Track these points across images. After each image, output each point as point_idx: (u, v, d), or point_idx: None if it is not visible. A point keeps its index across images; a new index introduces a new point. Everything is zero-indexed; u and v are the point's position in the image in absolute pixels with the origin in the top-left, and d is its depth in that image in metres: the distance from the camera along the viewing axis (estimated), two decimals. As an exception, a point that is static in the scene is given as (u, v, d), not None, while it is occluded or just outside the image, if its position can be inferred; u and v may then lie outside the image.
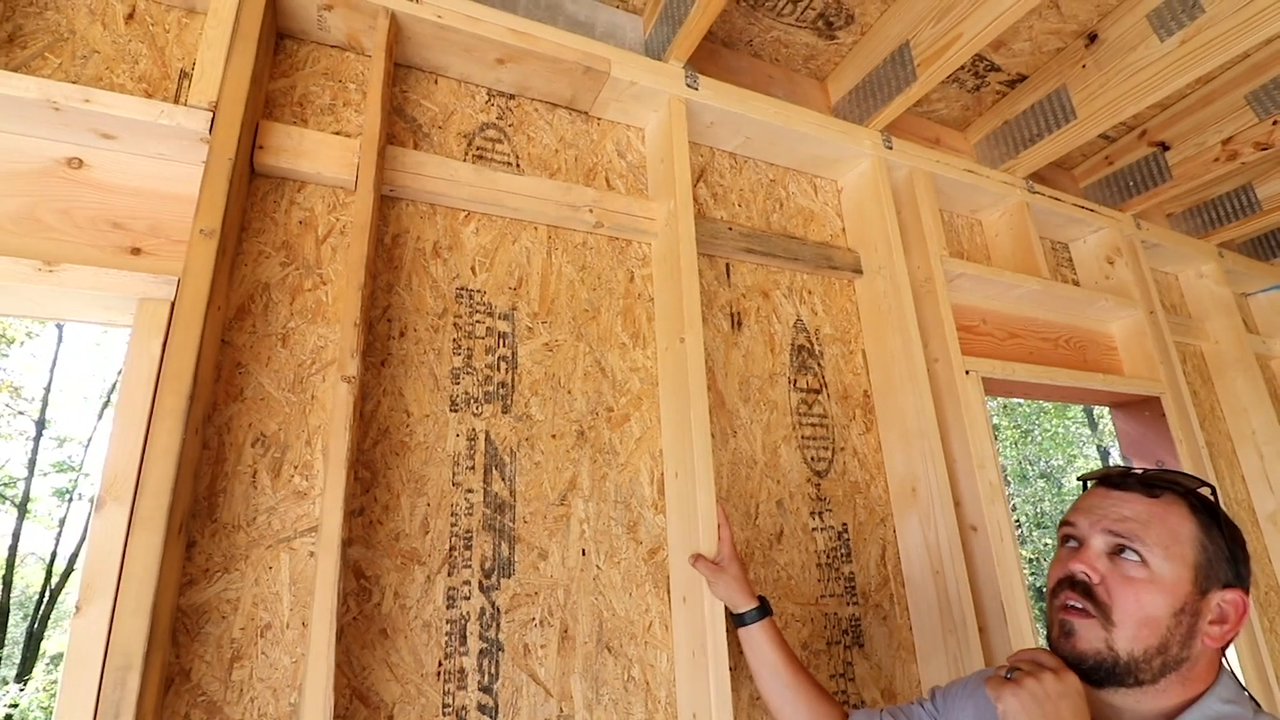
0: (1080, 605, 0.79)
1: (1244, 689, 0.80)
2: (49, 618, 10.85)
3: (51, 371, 11.11)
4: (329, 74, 1.32)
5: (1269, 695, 1.96)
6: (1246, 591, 0.79)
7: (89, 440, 11.74)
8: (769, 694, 1.14)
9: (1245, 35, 1.58)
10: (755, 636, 1.15)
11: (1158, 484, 0.82)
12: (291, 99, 1.27)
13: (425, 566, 1.13)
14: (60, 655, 12.07)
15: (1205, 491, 0.84)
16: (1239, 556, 0.79)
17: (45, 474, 11.49)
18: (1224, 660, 0.81)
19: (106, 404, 11.83)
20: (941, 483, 1.53)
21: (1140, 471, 0.85)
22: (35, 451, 10.81)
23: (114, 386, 11.85)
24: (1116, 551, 0.79)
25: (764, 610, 1.17)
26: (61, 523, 11.37)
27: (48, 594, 10.79)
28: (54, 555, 11.07)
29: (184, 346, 0.91)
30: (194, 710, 0.94)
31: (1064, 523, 0.88)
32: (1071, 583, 0.81)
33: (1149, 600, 0.76)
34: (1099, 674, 0.78)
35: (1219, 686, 0.78)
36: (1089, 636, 0.78)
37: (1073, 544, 0.85)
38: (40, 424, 10.89)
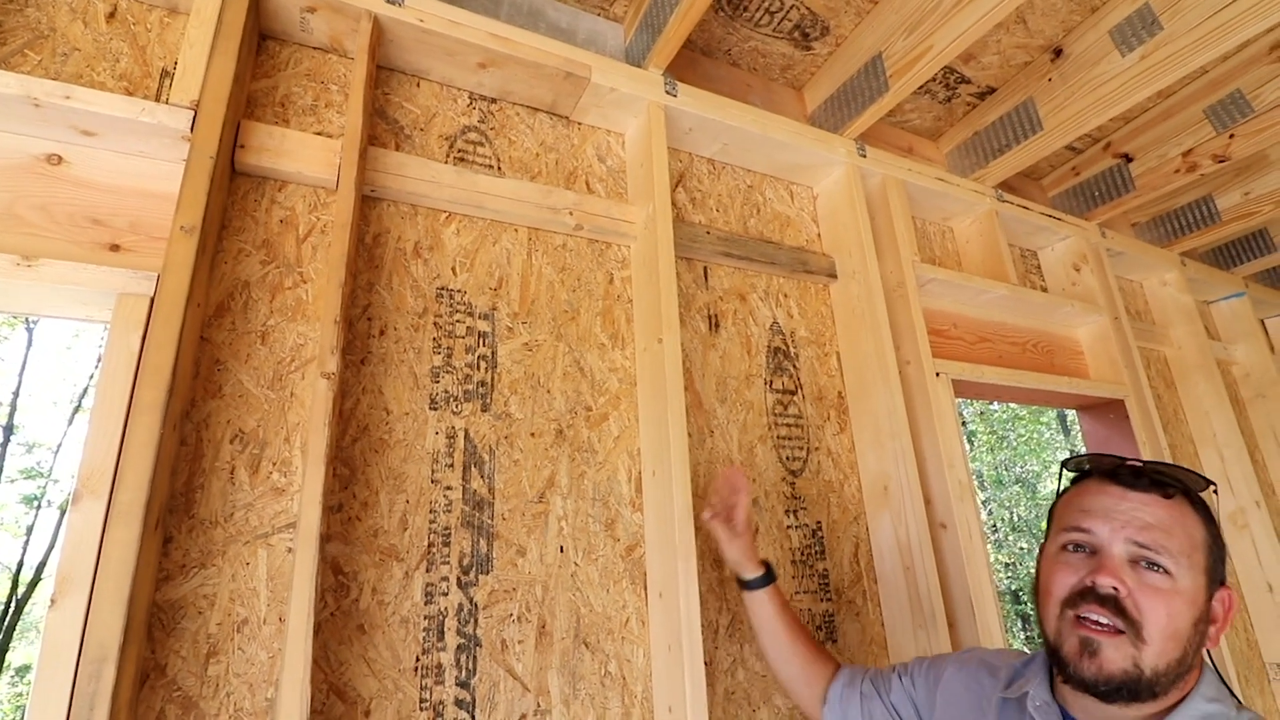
0: (1108, 622, 0.73)
1: (1225, 684, 0.78)
2: (14, 629, 10.55)
3: (20, 376, 10.85)
4: (311, 75, 1.33)
5: (1229, 690, 2.02)
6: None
7: (58, 446, 11.48)
8: (767, 652, 1.22)
9: (1201, 51, 1.65)
10: (759, 600, 1.22)
11: (1170, 482, 0.78)
12: (273, 99, 1.28)
13: (403, 563, 1.14)
14: (26, 667, 11.75)
15: (1209, 490, 0.81)
16: (1225, 553, 0.78)
17: (13, 481, 11.21)
18: (1207, 657, 0.79)
19: (77, 409, 11.58)
20: (912, 481, 1.57)
21: (1140, 465, 0.80)
22: (2, 458, 10.54)
23: (84, 391, 11.62)
24: (1140, 561, 0.75)
25: (769, 576, 1.23)
26: (29, 531, 11.09)
27: (13, 604, 10.50)
28: (20, 564, 10.78)
29: (163, 341, 0.92)
30: (169, 705, 0.94)
31: (1073, 526, 0.81)
32: (1097, 596, 0.75)
33: (1177, 613, 0.72)
34: (1123, 694, 0.73)
35: (1203, 685, 0.76)
36: (1116, 656, 0.72)
37: (1083, 550, 0.79)
38: (8, 429, 10.63)
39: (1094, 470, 0.85)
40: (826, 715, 1.12)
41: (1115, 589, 0.74)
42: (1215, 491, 0.81)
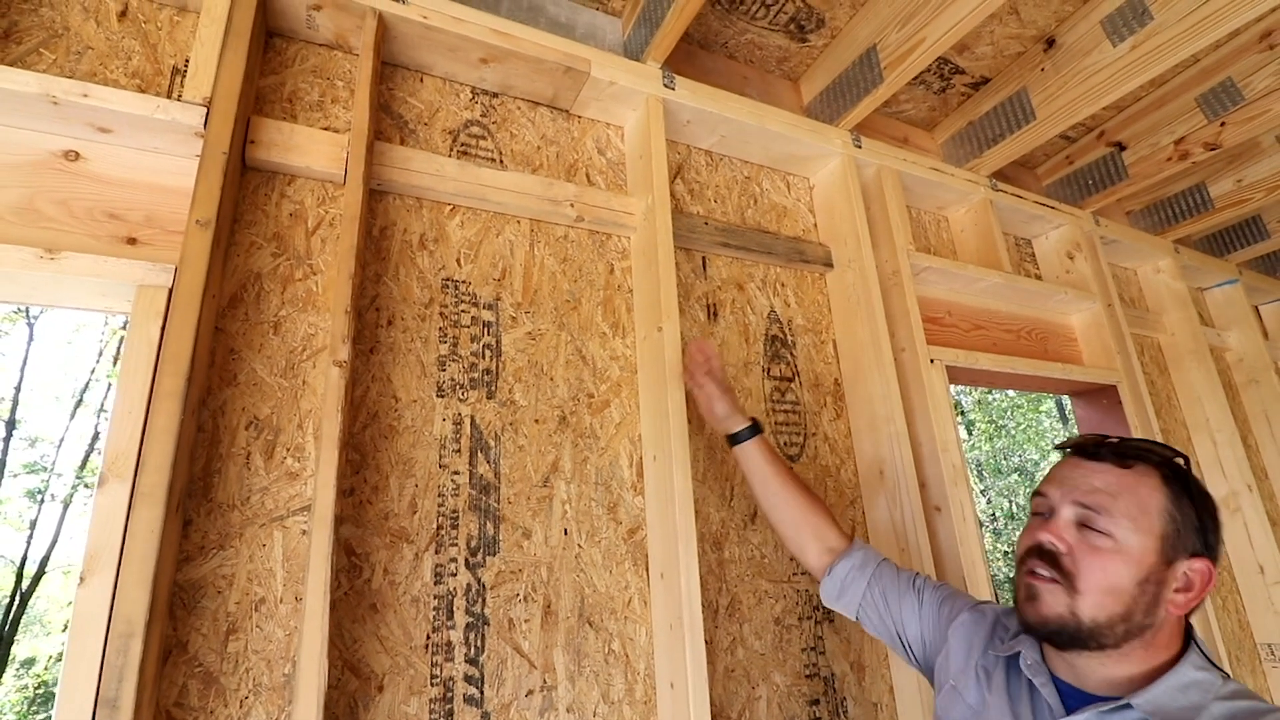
0: (1047, 574, 0.81)
1: (1209, 658, 0.81)
2: (19, 622, 10.64)
3: (22, 371, 10.90)
4: (318, 72, 1.36)
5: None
6: (1214, 560, 0.79)
7: (60, 441, 11.54)
8: (762, 504, 1.28)
9: (1191, 40, 1.67)
10: (747, 452, 1.28)
11: (1131, 454, 0.83)
12: (281, 95, 1.31)
13: (413, 544, 1.18)
14: (32, 660, 11.85)
15: (1180, 461, 0.84)
16: (1208, 526, 0.80)
17: (16, 475, 11.27)
18: (1193, 630, 0.83)
19: (79, 404, 11.63)
20: (907, 466, 1.60)
21: (1115, 441, 0.86)
22: (5, 452, 10.60)
23: (86, 386, 11.66)
24: (1085, 523, 0.81)
25: (757, 428, 1.30)
26: (33, 525, 11.16)
27: (18, 598, 10.58)
28: (24, 559, 10.86)
29: (182, 331, 0.95)
30: (191, 680, 0.98)
31: (1036, 493, 0.89)
32: (1040, 551, 0.83)
33: (1114, 570, 0.78)
34: (1062, 637, 0.81)
35: (1192, 655, 0.80)
36: (1052, 602, 0.80)
37: (1041, 515, 0.87)
38: (10, 424, 10.68)
39: (1069, 447, 0.92)
40: (825, 584, 1.18)
41: (1054, 544, 0.82)
42: (1186, 464, 0.85)
